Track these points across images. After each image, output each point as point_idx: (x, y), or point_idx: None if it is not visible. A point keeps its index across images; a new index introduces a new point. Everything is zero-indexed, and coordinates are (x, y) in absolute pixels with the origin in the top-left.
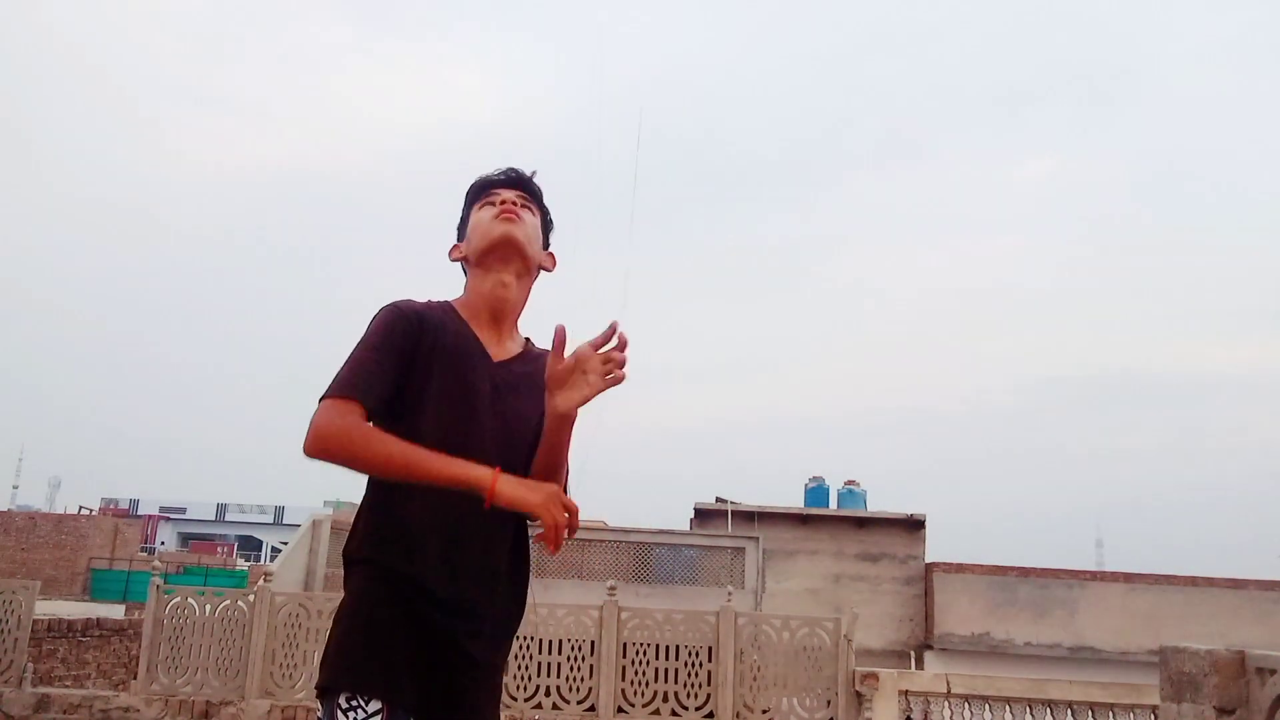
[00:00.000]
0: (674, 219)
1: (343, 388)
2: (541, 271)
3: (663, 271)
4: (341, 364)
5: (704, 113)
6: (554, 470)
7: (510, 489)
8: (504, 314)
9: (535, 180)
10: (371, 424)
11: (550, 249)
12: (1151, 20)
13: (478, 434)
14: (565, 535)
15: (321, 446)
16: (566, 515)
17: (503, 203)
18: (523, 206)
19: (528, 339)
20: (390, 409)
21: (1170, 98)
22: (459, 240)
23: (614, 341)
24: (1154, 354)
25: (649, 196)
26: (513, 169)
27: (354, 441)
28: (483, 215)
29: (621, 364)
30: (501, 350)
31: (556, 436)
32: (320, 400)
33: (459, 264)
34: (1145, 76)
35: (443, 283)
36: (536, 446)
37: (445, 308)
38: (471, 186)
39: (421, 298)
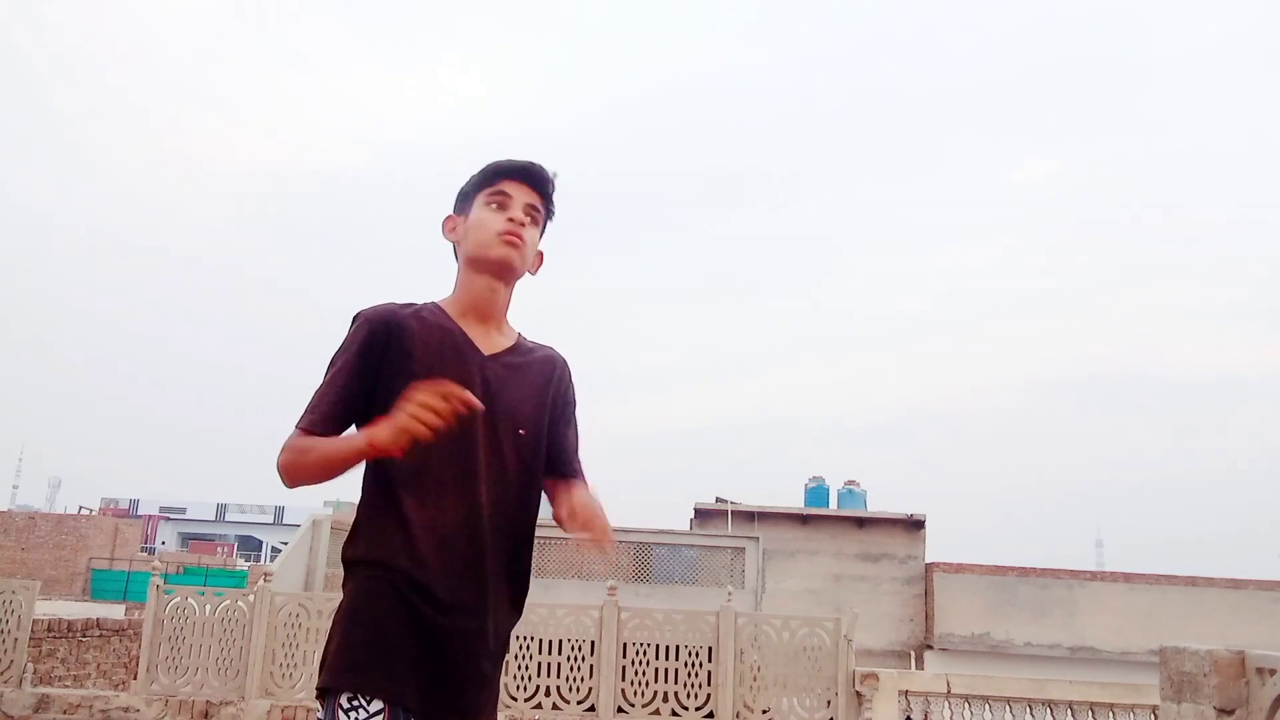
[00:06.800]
0: (675, 219)
1: (304, 418)
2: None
3: (664, 271)
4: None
5: (703, 113)
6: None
7: (376, 434)
8: (492, 314)
9: (553, 180)
10: (306, 438)
11: (542, 242)
12: (1152, 20)
13: (472, 426)
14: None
15: (287, 480)
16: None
17: (511, 220)
18: (529, 218)
19: (519, 333)
20: (364, 419)
21: (1171, 98)
22: (457, 213)
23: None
24: (1154, 354)
25: (650, 196)
26: (531, 163)
27: (297, 465)
28: (487, 217)
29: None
30: (491, 344)
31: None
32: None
33: (450, 241)
34: (1146, 77)
35: (440, 284)
36: (535, 436)
37: (431, 307)
38: (487, 167)
39: (419, 298)
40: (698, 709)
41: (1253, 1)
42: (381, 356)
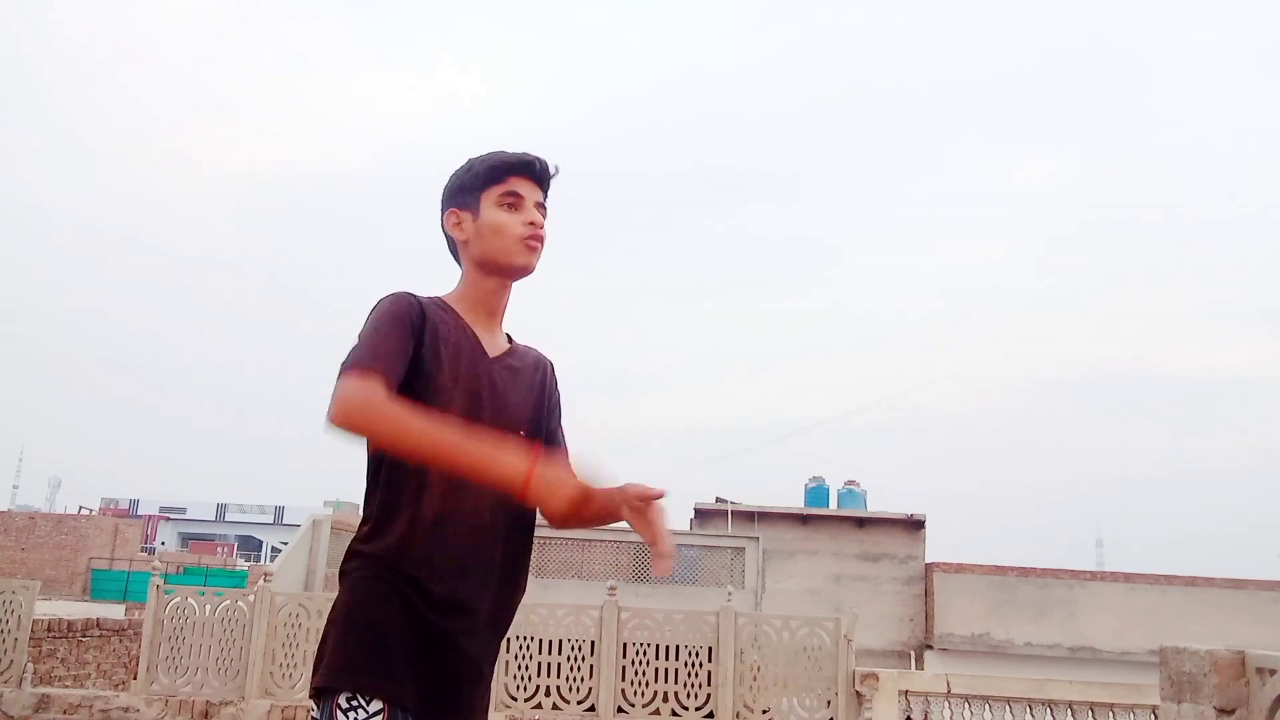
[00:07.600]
0: (676, 219)
1: (366, 360)
2: None
3: (664, 271)
4: (355, 343)
5: (705, 113)
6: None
7: (538, 490)
8: (497, 314)
9: (554, 175)
10: (397, 404)
11: None
12: (1151, 20)
13: (478, 429)
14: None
15: (346, 416)
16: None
17: (531, 224)
18: (542, 214)
19: (508, 334)
20: (406, 391)
21: (1170, 97)
22: (455, 206)
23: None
24: (1154, 354)
25: (651, 196)
26: (536, 157)
27: (381, 414)
28: (504, 220)
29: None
30: (494, 346)
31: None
32: (342, 372)
33: (451, 240)
34: (1145, 77)
35: (440, 283)
36: (533, 438)
37: (440, 303)
38: (492, 161)
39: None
40: (698, 709)
41: (1252, 2)
42: (419, 338)
